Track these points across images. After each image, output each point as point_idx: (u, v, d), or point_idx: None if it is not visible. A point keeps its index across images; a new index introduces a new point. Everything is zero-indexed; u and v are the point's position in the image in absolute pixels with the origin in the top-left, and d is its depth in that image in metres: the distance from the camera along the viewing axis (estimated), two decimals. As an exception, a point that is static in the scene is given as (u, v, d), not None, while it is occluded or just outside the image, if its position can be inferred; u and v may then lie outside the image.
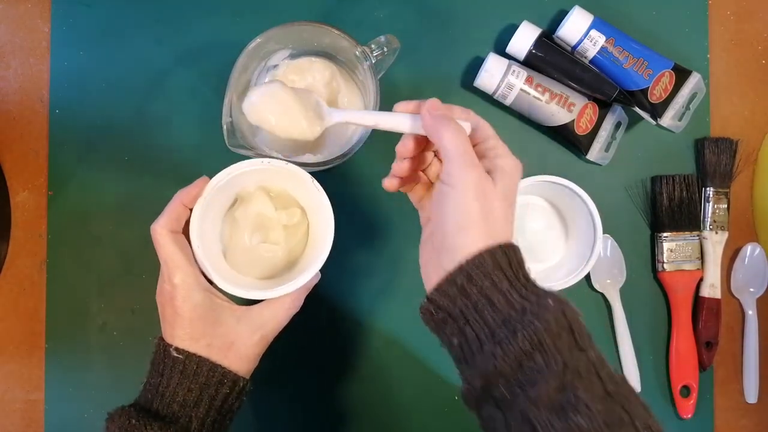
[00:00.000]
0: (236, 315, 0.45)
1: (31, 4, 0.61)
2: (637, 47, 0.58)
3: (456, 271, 0.37)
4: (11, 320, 0.60)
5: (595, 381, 0.34)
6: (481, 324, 0.36)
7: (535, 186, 0.56)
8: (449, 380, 0.60)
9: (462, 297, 0.37)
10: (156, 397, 0.43)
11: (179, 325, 0.43)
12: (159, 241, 0.44)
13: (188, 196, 0.45)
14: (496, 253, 0.37)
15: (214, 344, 0.44)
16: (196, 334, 0.44)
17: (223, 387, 0.44)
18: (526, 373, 0.35)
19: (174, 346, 0.43)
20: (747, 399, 0.61)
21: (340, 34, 0.51)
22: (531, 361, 0.35)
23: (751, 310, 0.61)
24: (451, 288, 0.37)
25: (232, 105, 0.49)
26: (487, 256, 0.37)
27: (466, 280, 0.37)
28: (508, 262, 0.37)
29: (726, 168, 0.61)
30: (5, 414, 0.60)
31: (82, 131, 0.60)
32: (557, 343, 0.35)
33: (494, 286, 0.36)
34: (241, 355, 0.45)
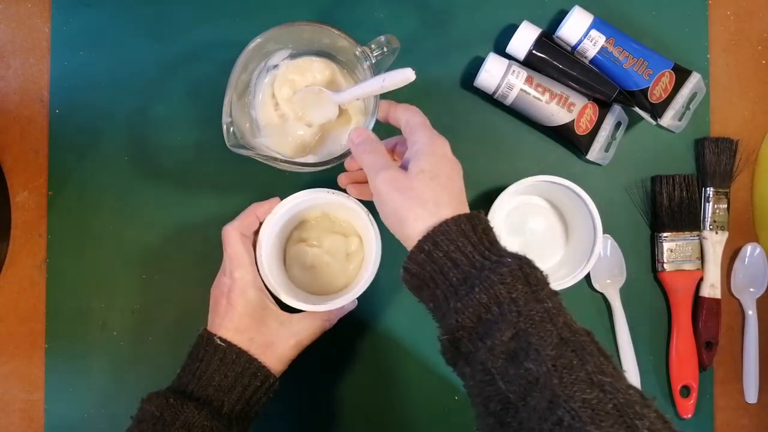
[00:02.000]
0: (279, 319, 0.50)
1: (31, 4, 0.61)
2: (637, 47, 0.58)
3: (424, 238, 0.40)
4: (11, 320, 0.60)
5: (549, 327, 0.35)
6: (447, 284, 0.39)
7: (535, 186, 0.56)
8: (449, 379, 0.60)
9: (430, 262, 0.39)
10: (193, 380, 0.46)
11: (229, 317, 0.48)
12: (229, 240, 0.49)
13: (261, 209, 0.51)
14: (461, 221, 0.39)
15: (255, 340, 0.48)
16: (242, 327, 0.48)
17: (256, 379, 0.47)
18: (485, 324, 0.37)
19: (218, 335, 0.47)
20: (747, 399, 0.61)
21: (340, 34, 0.51)
22: (488, 313, 0.37)
23: (751, 310, 0.61)
24: (419, 255, 0.40)
25: (232, 105, 0.49)
26: (451, 223, 0.39)
27: (432, 246, 0.39)
28: (472, 228, 0.39)
29: (726, 168, 0.61)
30: (5, 414, 0.60)
31: (82, 131, 0.60)
32: (513, 294, 0.36)
33: (458, 249, 0.39)
34: (277, 355, 0.49)
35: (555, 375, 0.33)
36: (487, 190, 0.61)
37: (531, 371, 0.34)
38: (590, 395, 0.32)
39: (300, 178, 0.59)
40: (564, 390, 0.33)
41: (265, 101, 0.56)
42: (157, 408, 0.45)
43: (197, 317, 0.59)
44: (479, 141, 0.61)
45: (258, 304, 0.49)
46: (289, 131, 0.55)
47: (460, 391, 0.60)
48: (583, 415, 0.31)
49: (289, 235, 0.57)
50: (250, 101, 0.55)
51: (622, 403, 0.32)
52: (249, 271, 0.48)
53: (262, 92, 0.56)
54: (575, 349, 0.34)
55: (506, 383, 0.35)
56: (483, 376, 0.36)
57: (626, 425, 0.31)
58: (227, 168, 0.60)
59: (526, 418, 0.33)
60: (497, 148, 0.61)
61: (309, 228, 0.56)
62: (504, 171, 0.61)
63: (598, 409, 0.32)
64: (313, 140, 0.56)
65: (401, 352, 0.60)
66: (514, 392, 0.34)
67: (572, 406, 0.32)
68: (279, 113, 0.56)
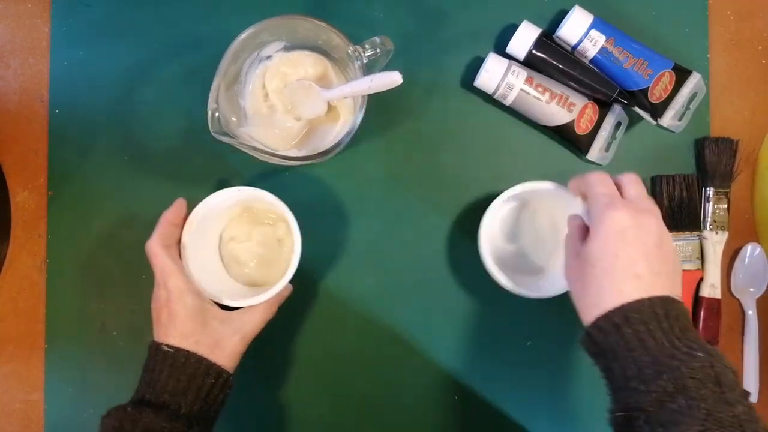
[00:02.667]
0: (220, 318, 0.51)
1: (31, 4, 0.61)
2: (637, 47, 0.58)
3: (616, 310, 0.40)
4: (11, 320, 0.60)
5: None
6: (630, 361, 0.39)
7: (529, 192, 0.55)
8: (449, 379, 0.60)
9: (616, 334, 0.40)
10: (148, 389, 0.47)
11: (173, 324, 0.48)
12: (153, 253, 0.50)
13: (170, 215, 0.52)
14: (654, 304, 0.40)
15: (201, 341, 0.49)
16: (187, 332, 0.48)
17: (209, 377, 0.48)
18: (668, 413, 0.36)
19: (165, 343, 0.48)
20: (747, 399, 0.61)
21: (334, 31, 0.51)
22: (673, 403, 0.36)
23: (751, 310, 0.61)
24: (607, 324, 0.40)
25: (220, 92, 0.50)
26: (646, 304, 0.40)
27: (622, 321, 0.40)
28: (665, 314, 0.40)
29: (726, 168, 0.61)
30: (5, 414, 0.60)
31: (82, 131, 0.60)
32: (701, 391, 0.36)
33: (648, 332, 0.39)
34: (226, 353, 0.50)
35: None
36: (487, 190, 0.61)
37: None
38: None
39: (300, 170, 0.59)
40: None
41: (255, 91, 0.56)
42: (116, 420, 0.46)
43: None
44: (479, 141, 0.61)
45: (198, 307, 0.49)
46: (277, 123, 0.56)
47: (460, 391, 0.60)
48: None
49: (220, 237, 0.58)
50: (239, 90, 0.56)
51: None
52: (181, 279, 0.49)
53: (252, 82, 0.56)
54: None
55: None
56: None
57: None
58: (228, 168, 0.60)
59: None
60: (497, 148, 0.61)
61: (235, 226, 0.57)
62: (504, 171, 0.61)
63: None
64: (299, 134, 0.56)
65: (401, 351, 0.60)
66: None
67: None
68: (268, 104, 0.56)
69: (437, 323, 0.60)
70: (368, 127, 0.57)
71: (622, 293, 0.40)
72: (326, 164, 0.58)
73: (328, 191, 0.60)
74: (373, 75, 0.50)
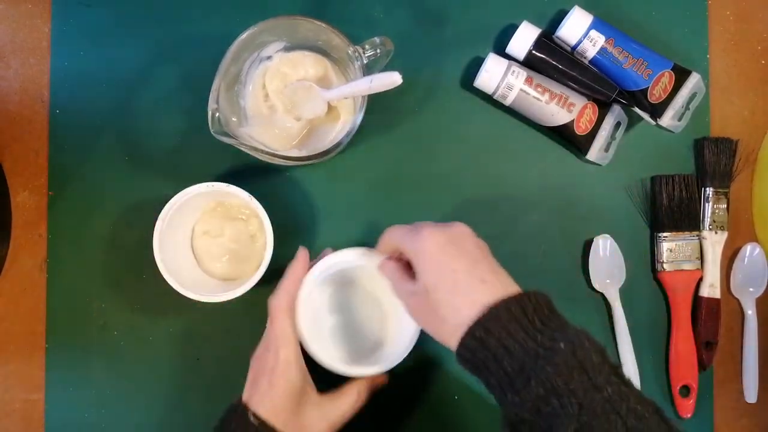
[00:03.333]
0: (313, 401, 0.48)
1: (32, 4, 0.61)
2: (637, 47, 0.58)
3: (474, 325, 0.39)
4: (11, 320, 0.60)
5: (613, 418, 0.35)
6: (502, 374, 0.38)
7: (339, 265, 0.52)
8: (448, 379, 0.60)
9: (482, 349, 0.38)
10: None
11: (269, 396, 0.46)
12: (277, 317, 0.47)
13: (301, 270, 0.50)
14: (510, 305, 0.39)
15: (289, 423, 0.46)
16: (278, 410, 0.45)
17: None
18: (545, 418, 0.36)
19: (253, 411, 0.45)
20: (746, 398, 0.61)
21: (334, 31, 0.51)
22: (548, 406, 0.36)
23: (751, 310, 0.61)
24: (471, 341, 0.39)
25: (220, 92, 0.50)
26: (501, 308, 0.39)
27: (484, 333, 0.38)
28: (522, 311, 0.39)
29: (725, 168, 0.61)
30: (5, 414, 0.60)
31: (83, 131, 0.60)
32: (570, 385, 0.36)
33: (510, 336, 0.38)
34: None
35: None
36: (487, 191, 0.61)
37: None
38: None
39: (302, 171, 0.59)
40: None
41: (256, 91, 0.57)
42: None
43: (198, 317, 0.59)
44: (479, 141, 0.61)
45: (299, 387, 0.47)
46: (277, 123, 0.56)
47: (460, 391, 0.60)
48: None
49: (192, 229, 0.57)
50: (239, 90, 0.56)
51: None
52: (293, 350, 0.47)
53: (253, 82, 0.56)
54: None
55: None
56: None
57: None
58: (229, 168, 0.60)
59: None
60: (497, 149, 0.61)
61: (207, 220, 0.57)
62: (504, 171, 0.61)
63: None
64: (300, 134, 0.57)
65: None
66: None
67: None
68: (268, 104, 0.57)
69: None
70: (368, 128, 0.57)
71: (476, 302, 0.39)
72: (326, 164, 0.58)
73: (328, 191, 0.60)
74: (373, 75, 0.49)
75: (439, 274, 0.41)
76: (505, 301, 0.39)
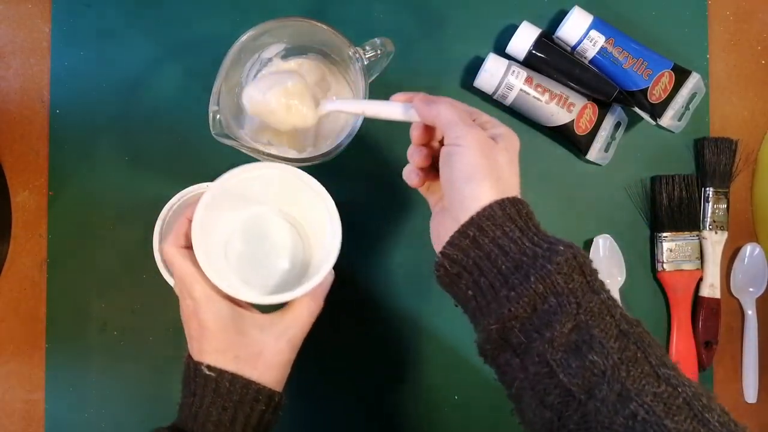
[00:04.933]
0: (259, 323, 0.44)
1: (32, 4, 0.61)
2: (637, 47, 0.58)
3: (467, 223, 0.37)
4: (11, 320, 0.60)
5: (608, 320, 0.35)
6: (495, 272, 0.37)
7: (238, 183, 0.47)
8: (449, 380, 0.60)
9: (474, 248, 0.37)
10: (190, 417, 0.42)
11: (206, 339, 0.43)
12: (170, 260, 0.44)
13: (189, 210, 0.45)
14: (505, 205, 0.37)
15: (241, 356, 0.43)
16: (222, 346, 0.43)
17: (259, 404, 0.43)
18: (541, 315, 0.35)
19: (205, 363, 0.42)
20: (746, 399, 0.61)
21: (334, 32, 0.51)
22: (545, 304, 0.35)
23: (751, 310, 0.61)
24: (463, 240, 0.37)
25: (220, 94, 0.50)
26: (497, 208, 0.37)
27: (477, 232, 0.37)
28: (517, 213, 0.38)
29: (725, 168, 0.61)
30: (5, 414, 0.60)
31: (83, 131, 0.60)
32: (570, 285, 0.35)
33: (505, 235, 0.37)
34: (270, 364, 0.44)
35: (622, 368, 0.33)
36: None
37: (596, 364, 0.33)
38: (659, 389, 0.33)
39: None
40: (633, 384, 0.33)
41: None
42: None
43: (197, 317, 0.59)
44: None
45: (230, 315, 0.43)
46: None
47: (460, 391, 0.60)
48: (657, 409, 0.32)
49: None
50: (240, 92, 0.56)
51: (690, 396, 0.32)
52: (206, 285, 0.43)
53: None
54: (636, 341, 0.34)
55: (568, 376, 0.34)
56: (539, 368, 0.35)
57: (698, 419, 0.32)
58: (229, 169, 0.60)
59: (592, 411, 0.33)
60: (497, 148, 0.61)
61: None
62: (504, 171, 0.61)
63: (670, 402, 0.32)
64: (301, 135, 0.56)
65: (400, 351, 0.60)
66: (576, 385, 0.34)
67: (644, 400, 0.32)
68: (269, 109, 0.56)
69: (437, 323, 0.60)
70: (369, 128, 0.57)
71: (479, 198, 0.37)
72: (326, 165, 0.58)
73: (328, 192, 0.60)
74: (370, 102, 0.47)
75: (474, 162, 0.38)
76: (499, 202, 0.37)
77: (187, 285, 0.43)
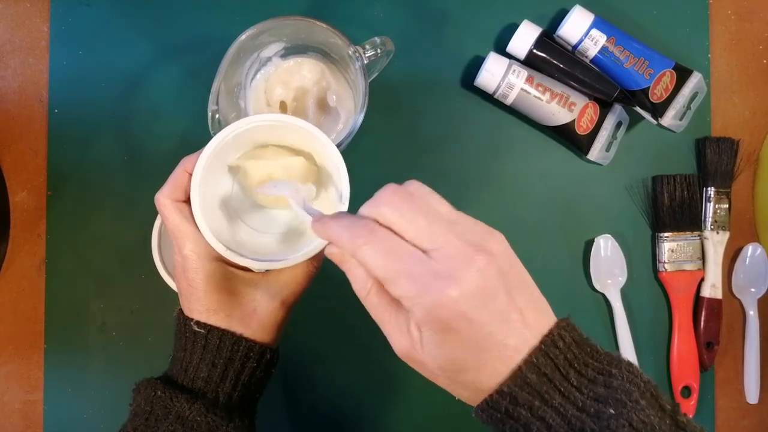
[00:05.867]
0: (253, 281, 0.43)
1: (30, 4, 0.61)
2: (638, 47, 0.58)
3: (498, 393, 0.32)
4: (10, 320, 0.60)
5: None
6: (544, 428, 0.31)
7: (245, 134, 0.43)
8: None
9: (510, 420, 0.32)
10: (181, 372, 0.42)
11: (195, 298, 0.41)
12: (163, 212, 0.41)
13: (190, 162, 0.42)
14: (538, 363, 0.31)
15: (233, 315, 0.41)
16: (213, 306, 0.41)
17: (249, 361, 0.41)
18: None
19: (194, 320, 0.41)
20: (748, 399, 0.61)
21: (333, 32, 0.51)
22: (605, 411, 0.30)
23: (752, 311, 0.61)
24: (494, 413, 0.32)
25: (219, 94, 0.50)
26: (525, 370, 0.31)
27: (511, 404, 0.31)
28: (554, 366, 0.31)
29: (727, 168, 0.61)
30: (5, 414, 0.59)
31: (81, 131, 0.60)
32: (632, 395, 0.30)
33: (544, 404, 0.31)
34: (263, 324, 0.42)
35: None
36: (487, 191, 0.61)
37: None
38: None
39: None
40: None
41: (256, 95, 0.56)
42: (146, 401, 0.41)
43: (197, 317, 0.59)
44: (479, 141, 0.61)
45: (221, 275, 0.41)
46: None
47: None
48: None
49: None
50: (239, 91, 0.56)
51: None
52: (198, 242, 0.41)
53: (253, 85, 0.56)
54: None
55: None
56: None
57: None
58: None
59: None
60: (497, 148, 0.61)
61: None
62: (504, 171, 0.61)
63: None
64: None
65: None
66: None
67: None
68: (270, 110, 0.57)
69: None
70: (368, 128, 0.57)
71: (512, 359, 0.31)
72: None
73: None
74: None
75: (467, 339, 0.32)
76: (529, 362, 0.31)
77: (178, 241, 0.41)
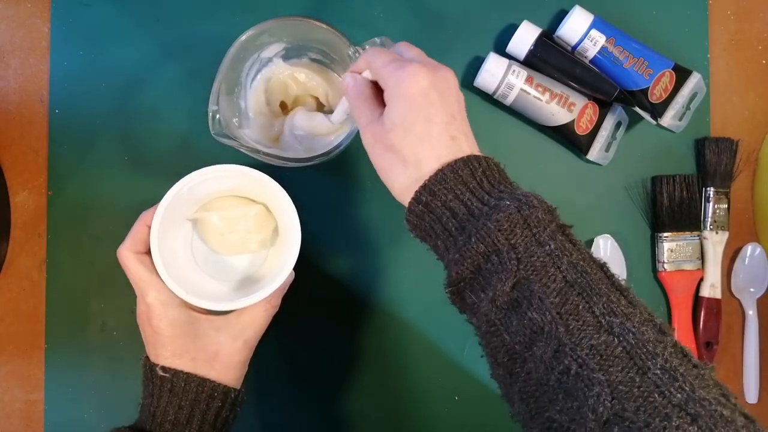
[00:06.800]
0: (215, 325, 0.45)
1: (31, 4, 0.61)
2: (638, 47, 0.58)
3: (421, 188, 0.37)
4: (11, 320, 0.60)
5: (552, 272, 0.34)
6: (446, 235, 0.37)
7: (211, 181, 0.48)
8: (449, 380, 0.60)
9: (428, 213, 0.37)
10: (149, 418, 0.43)
11: (161, 344, 0.44)
12: (125, 264, 0.45)
13: (148, 215, 0.46)
14: (457, 167, 0.37)
15: (198, 358, 0.44)
16: (178, 351, 0.44)
17: (215, 401, 0.44)
18: (485, 274, 0.35)
19: (160, 365, 0.43)
20: (747, 399, 0.61)
21: (333, 32, 0.51)
22: (488, 263, 0.35)
23: (752, 310, 0.61)
24: (417, 206, 0.38)
25: (220, 94, 0.50)
26: (447, 171, 0.37)
27: (430, 196, 0.37)
28: (470, 173, 0.37)
29: (726, 168, 0.61)
30: (5, 414, 0.59)
31: (82, 131, 0.60)
32: (511, 240, 0.34)
33: (456, 198, 0.36)
34: (227, 364, 0.45)
35: (560, 323, 0.32)
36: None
37: (535, 321, 0.33)
38: (598, 340, 0.31)
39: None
40: (570, 338, 0.32)
41: (257, 95, 0.57)
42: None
43: (197, 317, 0.59)
44: (479, 141, 0.61)
45: (185, 320, 0.44)
46: (277, 124, 0.56)
47: (460, 391, 0.60)
48: (591, 362, 0.31)
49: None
50: (240, 92, 0.56)
51: (633, 344, 0.31)
52: (161, 290, 0.44)
53: (253, 86, 0.56)
54: (582, 291, 0.33)
55: (511, 334, 0.34)
56: (488, 327, 0.35)
57: (637, 368, 0.30)
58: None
59: (533, 369, 0.33)
60: (497, 148, 0.61)
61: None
62: (504, 171, 0.61)
63: (607, 354, 0.31)
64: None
65: (400, 350, 0.60)
66: (519, 343, 0.33)
67: (579, 354, 0.31)
68: (270, 109, 0.57)
69: (438, 322, 0.60)
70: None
71: (440, 157, 0.37)
72: (326, 165, 0.58)
73: (328, 192, 0.60)
74: None
75: (414, 118, 0.38)
76: (451, 164, 0.37)
77: (141, 291, 0.44)
